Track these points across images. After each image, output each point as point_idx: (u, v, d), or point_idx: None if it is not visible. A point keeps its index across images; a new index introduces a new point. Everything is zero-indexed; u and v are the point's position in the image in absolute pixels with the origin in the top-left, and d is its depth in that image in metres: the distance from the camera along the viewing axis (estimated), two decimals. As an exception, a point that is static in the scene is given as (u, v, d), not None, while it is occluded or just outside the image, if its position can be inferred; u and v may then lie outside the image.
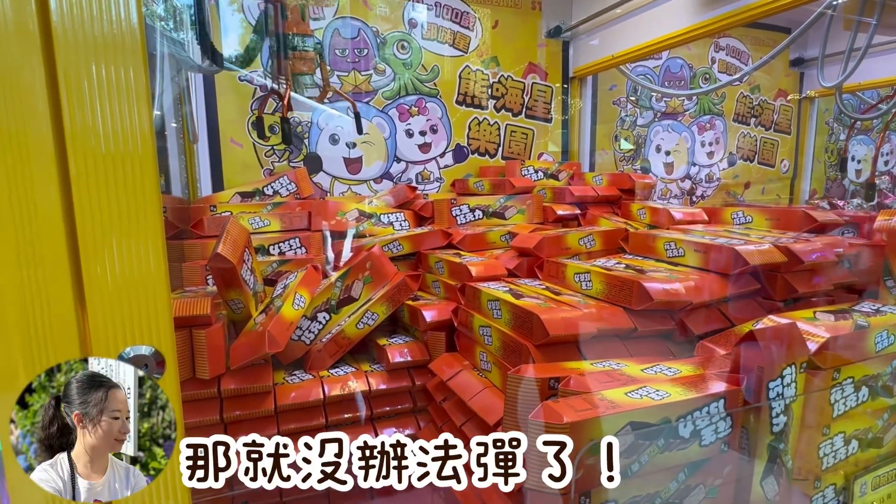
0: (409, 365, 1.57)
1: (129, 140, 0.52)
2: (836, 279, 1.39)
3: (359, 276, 1.70)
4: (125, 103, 0.51)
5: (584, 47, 2.71)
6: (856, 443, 1.13)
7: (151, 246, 0.53)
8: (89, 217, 0.51)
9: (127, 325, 0.53)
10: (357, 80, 2.34)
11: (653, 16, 2.30)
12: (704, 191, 3.34)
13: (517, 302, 1.20)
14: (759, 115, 3.42)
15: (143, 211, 0.53)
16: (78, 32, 0.49)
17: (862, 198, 3.72)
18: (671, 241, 1.48)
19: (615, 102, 2.98)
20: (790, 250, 1.30)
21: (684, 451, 0.92)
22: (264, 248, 1.90)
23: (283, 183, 2.16)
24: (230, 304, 1.43)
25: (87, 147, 0.51)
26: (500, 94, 2.66)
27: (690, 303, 1.24)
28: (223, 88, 2.14)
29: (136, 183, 0.52)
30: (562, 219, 2.22)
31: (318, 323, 1.62)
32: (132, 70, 0.51)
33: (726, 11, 1.98)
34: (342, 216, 2.06)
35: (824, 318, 1.14)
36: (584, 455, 0.84)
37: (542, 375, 1.00)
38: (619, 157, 3.03)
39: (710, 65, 3.17)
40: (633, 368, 1.06)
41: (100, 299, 0.52)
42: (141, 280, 0.53)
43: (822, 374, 1.04)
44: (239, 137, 2.19)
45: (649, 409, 0.87)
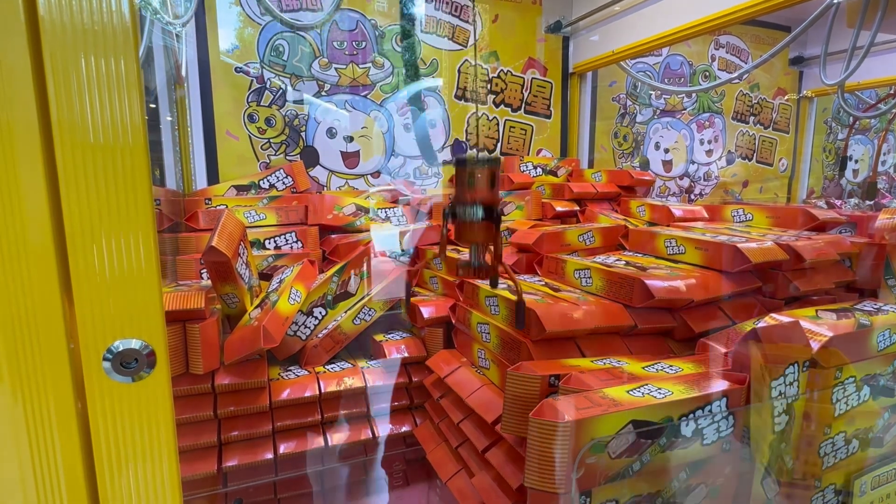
0: (407, 361, 1.55)
1: (120, 132, 0.49)
2: (837, 278, 1.38)
3: (355, 272, 1.68)
4: (115, 94, 0.49)
5: (584, 43, 2.69)
6: (856, 442, 1.12)
7: (142, 239, 0.51)
8: (76, 209, 0.49)
9: (116, 319, 0.51)
10: (355, 73, 2.31)
11: (653, 12, 2.28)
12: (702, 189, 3.33)
13: (514, 298, 1.18)
14: (757, 113, 3.41)
15: (133, 203, 0.50)
16: (66, 22, 0.47)
17: (859, 197, 3.72)
18: (672, 238, 1.47)
19: (614, 99, 2.96)
20: (792, 248, 1.29)
21: (686, 450, 0.91)
22: (260, 243, 1.87)
23: (279, 176, 2.13)
24: (224, 299, 1.41)
25: (75, 138, 0.48)
26: (499, 88, 2.63)
27: (691, 300, 1.23)
28: (219, 80, 2.10)
29: (126, 175, 0.50)
30: (560, 215, 2.21)
31: (314, 318, 1.60)
32: (123, 61, 0.49)
33: (727, 8, 1.96)
34: (339, 210, 2.03)
35: (826, 316, 1.13)
36: (585, 454, 0.82)
37: (542, 372, 0.98)
38: (618, 153, 3.02)
39: (709, 62, 3.16)
40: (634, 366, 1.05)
41: (87, 292, 0.50)
42: (131, 273, 0.51)
43: (825, 373, 1.03)
44: (235, 130, 2.16)
45: (652, 407, 0.86)
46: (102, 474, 0.53)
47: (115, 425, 0.53)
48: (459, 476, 1.25)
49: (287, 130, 2.23)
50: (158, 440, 0.54)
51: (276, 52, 2.17)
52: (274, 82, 2.18)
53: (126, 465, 0.54)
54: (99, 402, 0.51)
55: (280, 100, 2.20)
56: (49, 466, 0.51)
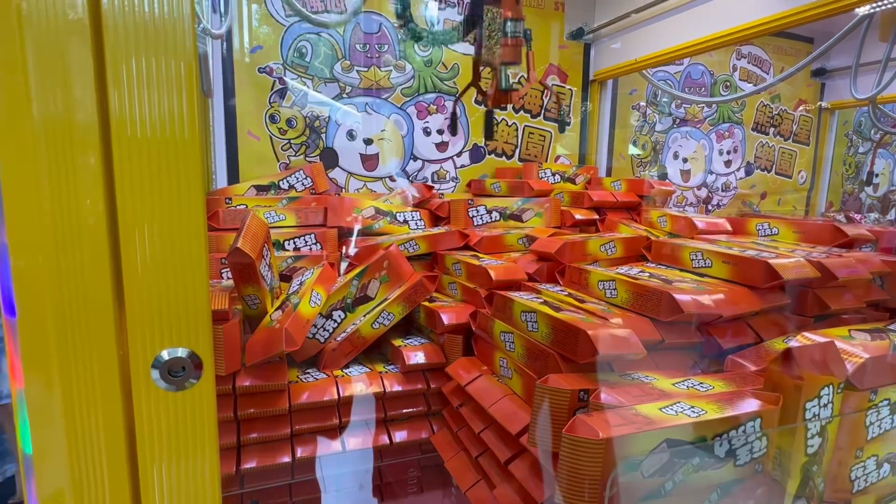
0: (425, 367, 1.54)
1: (177, 134, 0.49)
2: (868, 296, 1.35)
3: (375, 276, 1.68)
4: (174, 93, 0.48)
5: (606, 50, 2.68)
6: (888, 466, 1.10)
7: (193, 246, 0.50)
8: (132, 215, 0.48)
9: (165, 326, 0.50)
10: (377, 76, 2.31)
11: (677, 21, 2.26)
12: (720, 200, 3.30)
13: (558, 315, 1.13)
14: (778, 124, 3.38)
15: (186, 207, 0.50)
16: (129, 20, 0.47)
17: (879, 212, 3.67)
18: (698, 251, 1.45)
19: (634, 107, 2.94)
20: (823, 265, 1.27)
21: (718, 471, 0.89)
22: (279, 243, 1.87)
23: (298, 177, 2.14)
24: (246, 300, 1.41)
25: (131, 140, 0.48)
26: (518, 95, 2.62)
27: (720, 316, 1.21)
28: (241, 80, 2.11)
29: (181, 182, 0.49)
30: (579, 223, 2.19)
31: (332, 321, 1.59)
32: (183, 61, 0.48)
33: (754, 20, 1.94)
34: (358, 213, 2.03)
35: (861, 336, 1.11)
36: (618, 473, 0.81)
37: (572, 387, 0.97)
38: (636, 162, 3.00)
39: (731, 72, 3.13)
40: (663, 382, 1.03)
41: (138, 297, 0.49)
42: (182, 279, 0.50)
43: (859, 395, 1.01)
44: (256, 130, 2.16)
45: (686, 426, 0.84)
46: (146, 479, 0.53)
47: (160, 432, 0.52)
48: (479, 486, 1.24)
49: (307, 132, 2.24)
50: (202, 447, 0.53)
51: (298, 54, 2.18)
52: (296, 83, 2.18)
53: (169, 471, 0.53)
54: (146, 409, 0.51)
55: (301, 101, 2.21)
56: (95, 473, 0.50)
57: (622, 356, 1.07)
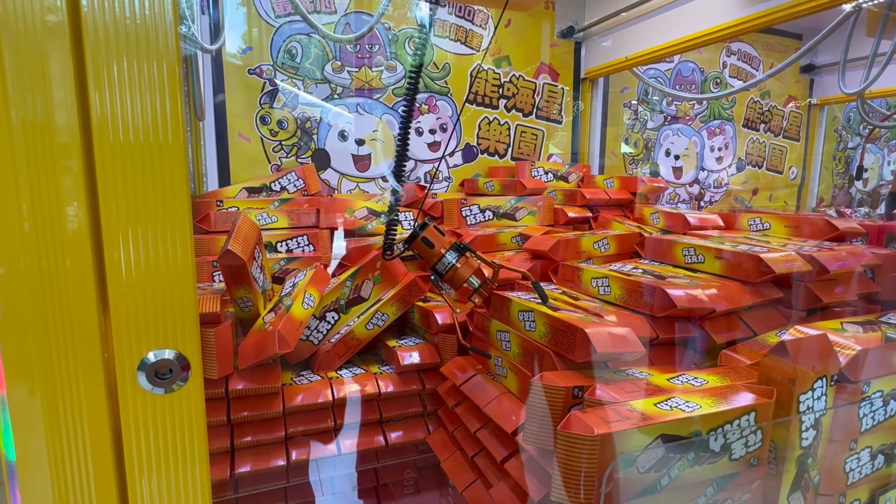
0: (420, 368, 1.54)
1: (160, 134, 0.48)
2: (860, 289, 1.36)
3: (369, 276, 1.67)
4: (157, 95, 0.47)
5: (597, 48, 2.68)
6: (882, 457, 1.10)
7: (180, 247, 0.49)
8: (115, 215, 0.47)
9: (151, 328, 0.49)
10: (367, 77, 2.30)
11: (667, 19, 2.27)
12: (712, 196, 3.32)
13: (556, 314, 1.12)
14: (768, 120, 3.40)
15: (171, 209, 0.49)
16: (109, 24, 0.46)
17: (869, 206, 3.71)
18: (690, 246, 1.45)
19: (626, 105, 2.95)
20: (815, 259, 1.28)
21: (714, 466, 0.89)
22: (272, 245, 1.86)
23: (290, 179, 2.12)
24: (238, 302, 1.40)
25: (112, 142, 0.47)
26: (511, 93, 2.62)
27: (713, 310, 1.21)
28: (231, 82, 2.10)
29: (165, 182, 0.48)
30: (573, 221, 2.19)
31: (326, 323, 1.58)
32: (165, 64, 0.47)
33: (742, 17, 1.95)
34: (350, 214, 2.02)
35: (853, 329, 1.11)
36: (614, 468, 0.81)
37: (566, 384, 0.97)
38: (629, 159, 3.01)
39: (721, 69, 3.15)
40: (658, 378, 1.03)
41: (123, 299, 0.48)
42: (168, 281, 0.49)
43: (852, 387, 1.02)
44: (247, 132, 2.15)
45: (681, 421, 0.84)
46: (133, 484, 0.52)
47: (148, 435, 0.51)
48: (476, 486, 1.23)
49: (299, 133, 2.23)
50: (191, 450, 0.53)
51: (289, 55, 2.17)
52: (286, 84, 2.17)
53: (158, 476, 0.52)
54: (132, 413, 0.50)
55: (292, 102, 2.19)
56: (81, 479, 0.49)
57: (621, 355, 1.07)
